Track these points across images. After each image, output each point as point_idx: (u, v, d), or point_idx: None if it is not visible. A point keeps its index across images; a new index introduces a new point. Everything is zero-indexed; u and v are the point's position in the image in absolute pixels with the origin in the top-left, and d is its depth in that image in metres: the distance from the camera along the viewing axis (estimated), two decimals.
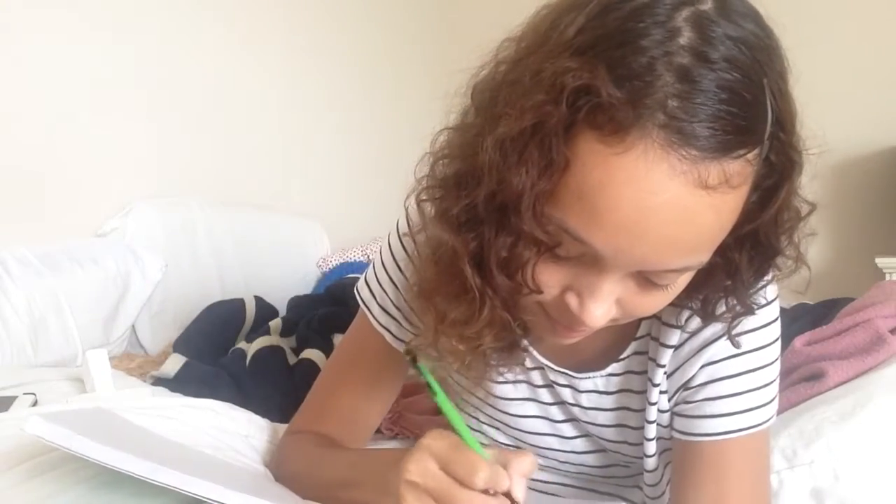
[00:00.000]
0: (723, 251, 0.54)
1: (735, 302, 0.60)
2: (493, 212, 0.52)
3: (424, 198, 0.59)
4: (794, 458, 0.82)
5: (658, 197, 0.47)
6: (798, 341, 1.06)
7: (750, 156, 0.48)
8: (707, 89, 0.46)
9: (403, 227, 0.74)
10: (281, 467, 0.77)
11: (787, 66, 0.51)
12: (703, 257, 0.52)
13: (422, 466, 0.52)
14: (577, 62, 0.47)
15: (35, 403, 0.88)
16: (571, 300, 0.54)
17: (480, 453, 0.52)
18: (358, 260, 2.21)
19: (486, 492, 0.50)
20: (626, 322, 0.59)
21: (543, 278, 0.54)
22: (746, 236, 0.54)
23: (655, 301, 0.55)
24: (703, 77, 0.46)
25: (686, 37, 0.46)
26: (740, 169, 0.48)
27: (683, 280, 0.55)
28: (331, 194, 2.40)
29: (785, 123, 0.50)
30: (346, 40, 2.44)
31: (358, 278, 1.94)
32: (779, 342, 0.67)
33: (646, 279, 0.53)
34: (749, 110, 0.47)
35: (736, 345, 0.64)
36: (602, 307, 0.53)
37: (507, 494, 0.51)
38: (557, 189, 0.49)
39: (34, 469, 0.58)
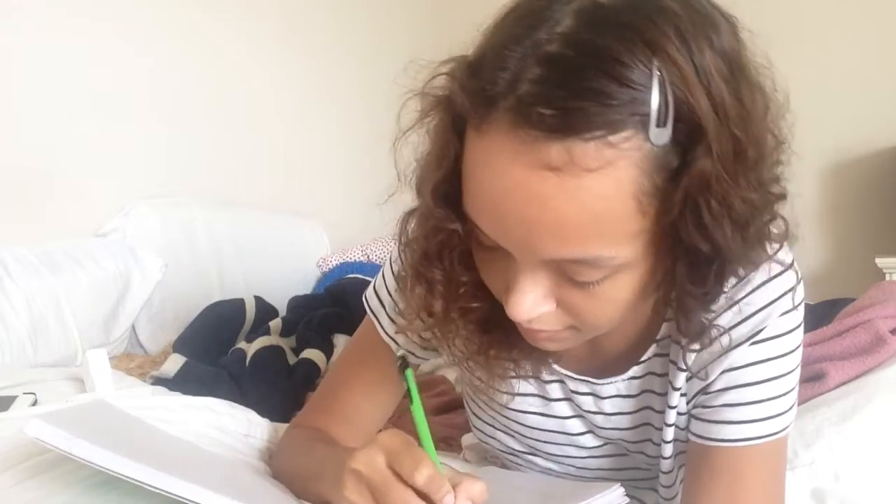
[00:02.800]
0: (658, 254, 0.52)
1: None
2: (423, 202, 0.58)
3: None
4: (794, 458, 0.82)
5: (506, 179, 0.48)
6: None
7: (614, 138, 0.46)
8: (564, 71, 0.46)
9: None
10: (273, 458, 0.79)
11: (723, 48, 0.49)
12: (599, 250, 0.50)
13: (369, 457, 0.52)
14: (445, 61, 0.53)
15: (35, 403, 0.88)
16: (505, 296, 0.55)
17: (437, 465, 0.51)
18: (358, 260, 2.21)
19: (426, 500, 0.50)
20: (592, 333, 0.59)
21: (486, 276, 0.58)
22: (670, 236, 0.51)
23: (598, 306, 0.54)
24: (565, 61, 0.46)
25: (564, 25, 0.47)
26: (595, 151, 0.46)
27: (619, 283, 0.53)
28: (331, 194, 2.40)
29: (695, 107, 0.47)
30: (345, 41, 2.44)
31: (358, 278, 1.93)
32: (800, 349, 0.65)
33: (567, 276, 0.53)
34: (609, 92, 0.45)
35: (771, 347, 0.63)
36: (524, 300, 0.53)
37: None
38: (462, 179, 0.53)
39: (33, 469, 0.58)
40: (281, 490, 0.67)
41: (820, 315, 1.30)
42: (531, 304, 0.54)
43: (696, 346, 0.65)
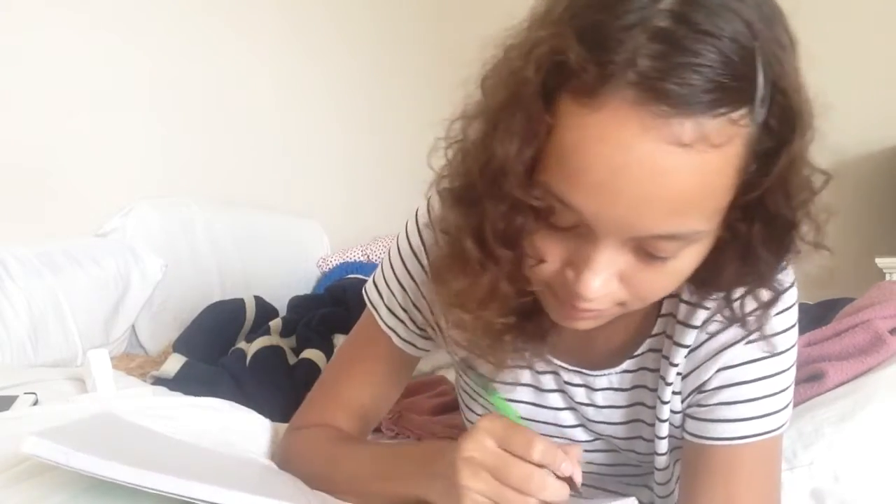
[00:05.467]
0: (730, 225, 0.53)
1: (759, 291, 0.59)
2: (487, 183, 0.53)
3: (444, 185, 0.60)
4: (793, 459, 0.82)
5: (630, 154, 0.47)
6: (798, 342, 1.06)
7: (735, 115, 0.48)
8: (685, 48, 0.46)
9: (412, 227, 0.75)
10: (293, 463, 0.77)
11: (788, 35, 0.51)
12: (695, 224, 0.51)
13: (479, 443, 0.54)
14: (549, 31, 0.49)
15: (36, 403, 0.88)
16: (569, 273, 0.54)
17: None
18: (358, 260, 2.21)
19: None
20: (636, 307, 0.58)
21: (543, 251, 0.55)
22: (754, 207, 0.53)
23: (661, 279, 0.55)
24: (682, 37, 0.46)
25: (668, 1, 0.47)
26: (721, 128, 0.47)
27: (688, 256, 0.54)
28: (331, 194, 2.40)
29: (786, 89, 0.49)
30: (346, 40, 2.44)
31: (358, 278, 1.94)
32: (796, 347, 0.66)
33: (643, 251, 0.52)
34: (730, 70, 0.47)
35: (765, 346, 0.64)
36: (598, 278, 0.53)
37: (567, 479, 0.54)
38: (544, 154, 0.50)
39: (31, 469, 0.58)
40: (292, 483, 0.67)
41: (819, 315, 1.30)
42: (603, 282, 0.53)
43: (689, 343, 0.66)
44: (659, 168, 0.47)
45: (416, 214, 0.75)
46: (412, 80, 2.63)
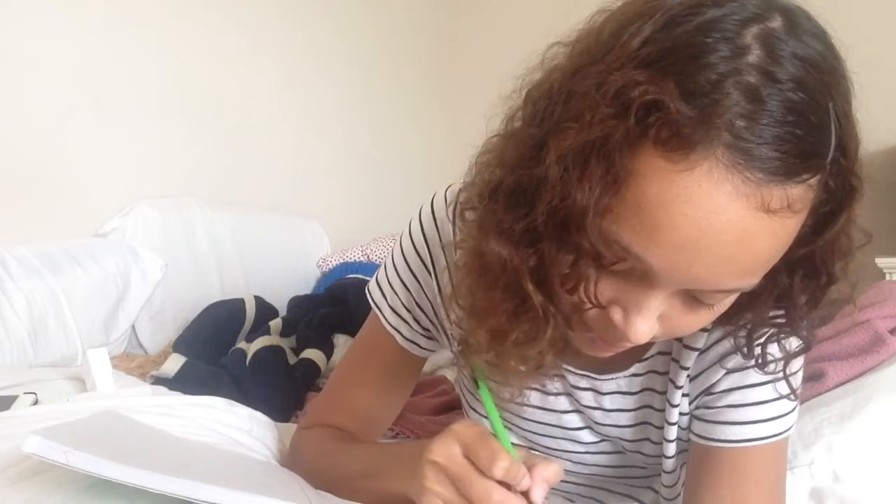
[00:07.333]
0: (771, 275, 0.53)
1: (785, 337, 0.60)
2: (554, 227, 0.50)
3: (471, 206, 0.57)
4: (793, 459, 0.82)
5: (719, 217, 0.46)
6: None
7: (812, 181, 0.47)
8: (774, 110, 0.45)
9: (416, 226, 0.74)
10: (297, 461, 0.78)
11: (851, 88, 0.51)
12: (755, 280, 0.51)
13: (446, 449, 0.53)
14: (644, 76, 0.46)
15: (35, 403, 0.88)
16: (616, 315, 0.53)
17: (511, 452, 0.53)
18: (358, 260, 2.21)
19: (506, 487, 0.52)
20: (664, 339, 0.59)
21: (597, 294, 0.52)
22: (799, 261, 0.53)
23: (699, 320, 0.55)
24: (772, 97, 0.45)
25: (755, 55, 0.45)
26: (802, 194, 0.47)
27: (728, 302, 0.54)
28: (331, 194, 2.40)
29: (847, 148, 0.49)
30: (346, 41, 2.44)
31: (358, 278, 1.94)
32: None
33: (693, 298, 0.52)
34: (814, 134, 0.46)
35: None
36: (647, 323, 0.52)
37: (526, 495, 0.52)
38: (617, 202, 0.48)
39: (32, 469, 0.58)
40: (294, 482, 0.67)
41: (818, 315, 1.29)
42: (651, 326, 0.52)
43: (699, 346, 0.66)
44: (746, 233, 0.46)
45: (420, 213, 0.74)
46: (412, 80, 2.63)
